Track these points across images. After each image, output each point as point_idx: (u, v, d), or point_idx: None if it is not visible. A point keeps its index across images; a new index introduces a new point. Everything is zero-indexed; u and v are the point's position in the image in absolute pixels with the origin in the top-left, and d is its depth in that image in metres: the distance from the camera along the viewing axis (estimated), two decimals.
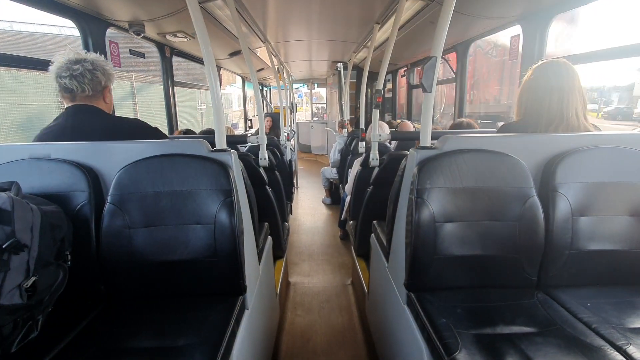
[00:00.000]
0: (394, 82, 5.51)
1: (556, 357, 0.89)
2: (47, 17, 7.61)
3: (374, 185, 2.24)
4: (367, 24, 2.89)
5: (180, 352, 0.95)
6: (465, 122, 2.37)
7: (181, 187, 1.22)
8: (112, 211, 1.20)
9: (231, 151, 1.34)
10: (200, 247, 1.22)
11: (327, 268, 3.12)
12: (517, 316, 1.07)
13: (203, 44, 1.27)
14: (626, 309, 1.08)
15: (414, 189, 1.20)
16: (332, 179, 4.86)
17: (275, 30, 3.22)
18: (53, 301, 1.02)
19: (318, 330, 2.22)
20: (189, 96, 8.92)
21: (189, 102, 9.00)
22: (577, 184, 1.22)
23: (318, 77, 8.53)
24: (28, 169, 1.22)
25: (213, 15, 2.43)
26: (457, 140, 1.28)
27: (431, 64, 1.26)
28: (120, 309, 1.19)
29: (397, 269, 1.38)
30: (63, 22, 7.40)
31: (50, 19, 7.87)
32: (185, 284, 1.25)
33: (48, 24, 7.64)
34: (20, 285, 0.88)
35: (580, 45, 2.23)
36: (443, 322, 1.04)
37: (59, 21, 6.89)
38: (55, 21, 8.10)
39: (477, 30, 2.71)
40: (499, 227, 1.22)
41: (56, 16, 1.84)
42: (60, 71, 1.33)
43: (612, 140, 1.27)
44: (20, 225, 0.90)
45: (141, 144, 1.30)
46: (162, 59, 3.06)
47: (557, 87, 1.33)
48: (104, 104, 1.45)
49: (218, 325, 1.07)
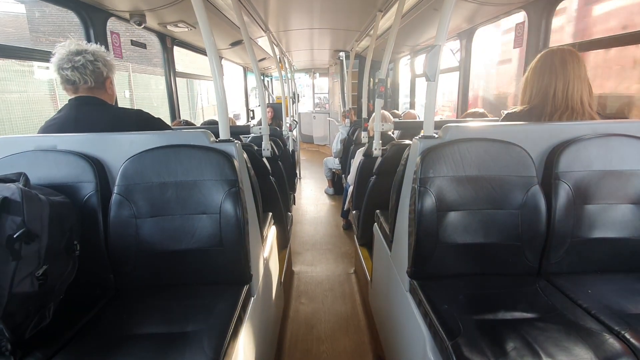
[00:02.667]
0: (395, 71, 5.45)
1: (556, 341, 0.90)
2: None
3: (377, 175, 2.25)
4: (369, 11, 2.85)
5: (189, 338, 0.97)
6: (479, 112, 2.36)
7: (186, 177, 1.24)
8: (118, 201, 1.22)
9: (235, 142, 1.35)
10: (206, 236, 1.23)
11: (330, 257, 3.15)
12: (519, 302, 1.09)
13: (205, 33, 1.27)
14: (626, 295, 1.09)
15: (417, 178, 1.21)
16: (334, 169, 4.86)
17: (276, 19, 3.18)
18: (63, 290, 1.05)
19: (322, 318, 2.25)
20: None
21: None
22: (579, 172, 1.22)
23: (320, 67, 8.45)
24: (34, 160, 1.24)
25: (214, 4, 2.41)
26: (460, 129, 1.28)
27: (434, 52, 1.25)
28: (129, 297, 1.22)
29: (400, 257, 1.39)
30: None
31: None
32: (192, 272, 1.27)
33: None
34: (32, 274, 0.91)
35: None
36: (445, 309, 1.06)
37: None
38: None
39: (481, 17, 2.67)
40: (501, 215, 1.23)
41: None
42: (62, 63, 1.33)
43: (615, 128, 1.27)
44: (30, 215, 0.92)
45: (146, 135, 1.31)
46: (164, 49, 3.05)
47: (562, 75, 1.32)
48: (107, 95, 1.46)
49: (225, 312, 1.09)
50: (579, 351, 0.87)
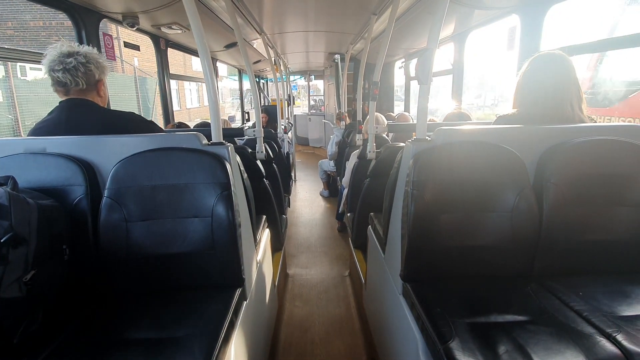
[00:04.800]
0: (389, 74, 5.47)
1: (547, 344, 0.91)
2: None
3: (371, 178, 2.25)
4: (364, 14, 2.87)
5: (179, 343, 0.96)
6: (460, 113, 2.38)
7: (178, 180, 1.23)
8: (109, 205, 1.21)
9: (227, 144, 1.34)
10: (198, 240, 1.23)
11: (325, 260, 3.15)
12: (510, 305, 1.09)
13: (197, 36, 1.27)
14: (617, 297, 1.10)
15: (410, 181, 1.21)
16: (329, 171, 4.86)
17: (271, 21, 3.18)
18: (53, 294, 1.04)
19: (316, 321, 2.25)
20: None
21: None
22: (571, 175, 1.23)
23: (315, 69, 8.47)
24: (24, 163, 1.22)
25: (208, 6, 2.40)
26: (453, 132, 1.29)
27: (427, 56, 1.25)
28: (120, 301, 1.20)
29: (393, 260, 1.39)
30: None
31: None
32: (183, 276, 1.26)
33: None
34: (19, 279, 0.89)
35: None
36: (438, 312, 1.05)
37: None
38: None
39: (474, 20, 2.69)
40: (493, 218, 1.23)
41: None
42: (53, 64, 1.32)
43: (606, 131, 1.28)
44: (18, 219, 0.90)
45: (137, 138, 1.30)
46: (158, 51, 3.04)
47: (552, 79, 1.34)
48: (99, 97, 1.44)
49: (216, 317, 1.08)
50: (570, 354, 0.87)
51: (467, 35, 3.01)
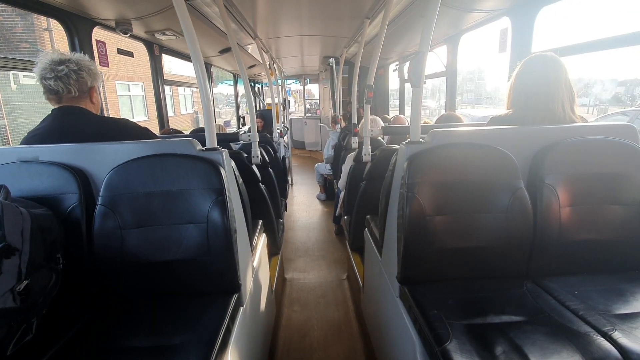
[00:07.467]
0: (384, 77, 5.50)
1: (544, 344, 0.91)
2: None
3: (367, 180, 2.26)
4: (357, 18, 2.88)
5: (176, 350, 0.96)
6: (452, 115, 2.40)
7: (172, 187, 1.22)
8: (103, 212, 1.20)
9: (222, 150, 1.34)
10: (194, 246, 1.22)
11: (322, 263, 3.14)
12: (507, 306, 1.10)
13: (190, 41, 1.27)
14: (612, 296, 1.11)
15: (405, 183, 1.22)
16: (326, 174, 4.86)
17: (265, 26, 3.19)
18: (47, 304, 1.02)
19: (314, 325, 2.24)
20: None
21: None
22: (564, 175, 1.24)
23: (310, 73, 8.49)
24: (16, 172, 1.21)
25: (201, 12, 2.41)
26: (446, 135, 1.30)
27: (419, 59, 1.26)
28: (115, 309, 1.19)
29: (390, 262, 1.39)
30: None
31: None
32: (179, 283, 1.25)
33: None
34: (13, 289, 0.88)
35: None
36: (434, 314, 1.06)
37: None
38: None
39: (466, 23, 2.72)
40: (488, 219, 1.24)
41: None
42: (45, 72, 1.31)
43: (598, 131, 1.30)
44: (10, 228, 0.90)
45: (131, 145, 1.30)
46: (151, 57, 3.03)
47: (543, 81, 1.35)
48: (91, 104, 1.44)
49: (213, 323, 1.08)
50: (567, 353, 0.88)
51: (460, 38, 3.04)
